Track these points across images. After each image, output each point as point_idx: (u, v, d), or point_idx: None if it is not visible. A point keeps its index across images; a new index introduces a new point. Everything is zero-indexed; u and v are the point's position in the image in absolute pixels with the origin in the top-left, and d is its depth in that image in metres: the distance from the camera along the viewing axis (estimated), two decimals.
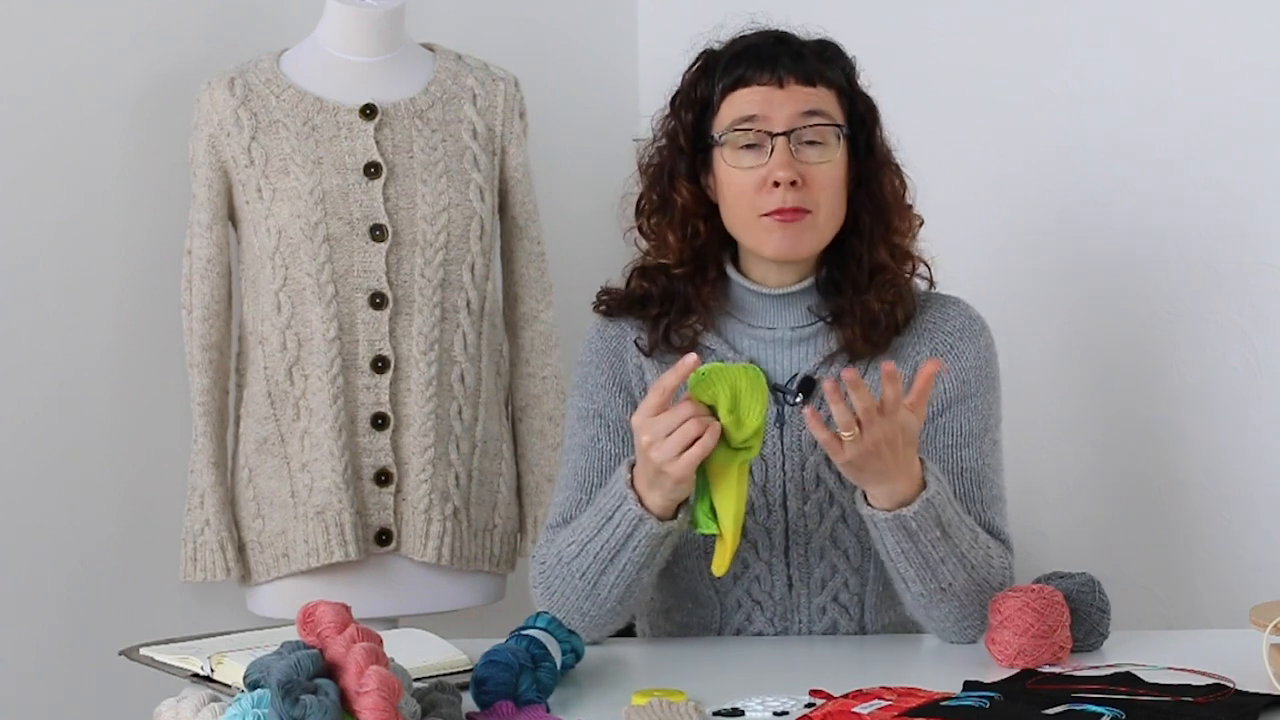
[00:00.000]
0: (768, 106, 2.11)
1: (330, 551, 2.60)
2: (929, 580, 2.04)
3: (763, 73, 2.12)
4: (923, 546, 2.01)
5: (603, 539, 2.04)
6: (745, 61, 2.13)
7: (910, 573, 2.04)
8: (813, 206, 2.11)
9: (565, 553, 2.08)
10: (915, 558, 2.02)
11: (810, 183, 2.11)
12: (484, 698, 1.81)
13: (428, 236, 2.64)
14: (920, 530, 2.00)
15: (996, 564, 2.07)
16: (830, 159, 2.12)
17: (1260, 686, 1.78)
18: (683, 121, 2.18)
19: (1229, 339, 2.66)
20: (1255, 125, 2.61)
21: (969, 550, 2.03)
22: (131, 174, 2.77)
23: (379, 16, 2.69)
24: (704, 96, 2.16)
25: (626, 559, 2.04)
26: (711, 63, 2.17)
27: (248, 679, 1.65)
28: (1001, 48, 2.87)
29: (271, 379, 2.65)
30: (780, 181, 2.09)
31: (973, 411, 2.17)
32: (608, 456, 2.17)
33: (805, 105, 2.11)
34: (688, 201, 2.18)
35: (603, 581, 2.06)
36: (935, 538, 2.01)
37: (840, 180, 2.14)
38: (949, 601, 2.05)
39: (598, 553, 2.05)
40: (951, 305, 2.22)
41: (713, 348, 2.19)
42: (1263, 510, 2.64)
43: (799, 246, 2.13)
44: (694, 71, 2.19)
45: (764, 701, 1.81)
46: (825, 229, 2.14)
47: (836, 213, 2.15)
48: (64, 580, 2.72)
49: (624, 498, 2.01)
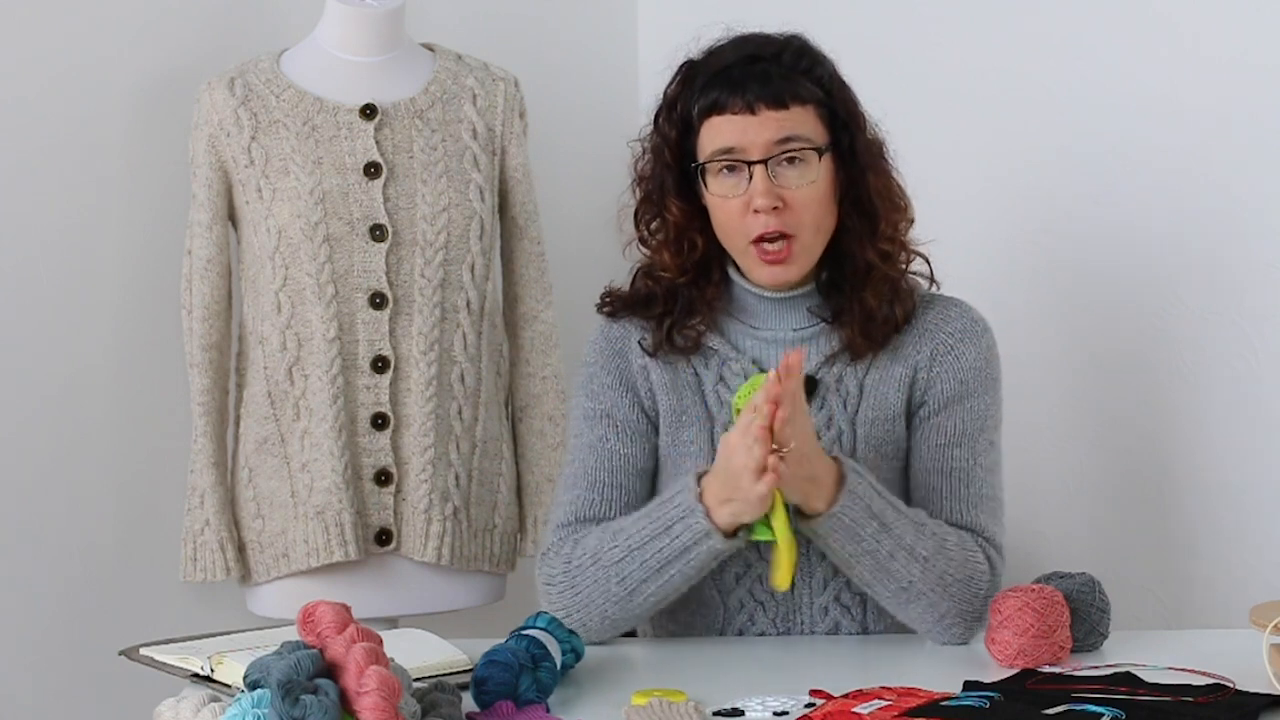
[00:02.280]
0: (743, 136, 2.11)
1: (330, 551, 2.60)
2: (887, 581, 2.05)
3: (735, 99, 2.11)
4: (866, 544, 2.03)
5: (656, 548, 2.05)
6: (718, 86, 2.13)
7: (866, 576, 2.06)
8: (795, 229, 2.12)
9: (605, 555, 2.08)
10: (864, 559, 2.04)
11: (792, 205, 2.11)
12: (484, 698, 1.81)
13: (428, 236, 2.64)
14: (855, 524, 2.02)
15: (957, 556, 2.07)
16: (811, 179, 2.13)
17: (1260, 686, 1.78)
18: (667, 137, 2.18)
19: (1229, 339, 2.66)
20: (1256, 125, 2.61)
21: (915, 541, 2.04)
22: (131, 174, 2.77)
23: (379, 16, 2.69)
24: (684, 114, 2.16)
25: (677, 570, 2.05)
26: (690, 77, 2.17)
27: (248, 679, 1.65)
28: (1001, 47, 2.86)
29: (271, 379, 2.65)
30: (760, 209, 2.10)
31: (969, 412, 2.18)
32: (617, 456, 2.18)
33: (780, 132, 2.11)
34: (679, 219, 2.18)
35: (643, 589, 2.07)
36: (874, 530, 2.03)
37: (824, 196, 2.14)
38: (916, 600, 2.06)
39: (646, 560, 2.06)
40: (954, 306, 2.23)
41: (715, 348, 2.20)
42: (1263, 510, 2.64)
43: (788, 276, 2.15)
44: (675, 85, 2.19)
45: (764, 701, 1.81)
46: (813, 248, 2.15)
47: (823, 227, 2.15)
48: (64, 580, 2.72)
49: (691, 510, 2.02)
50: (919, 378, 2.18)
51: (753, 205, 2.11)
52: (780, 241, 2.12)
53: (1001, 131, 2.87)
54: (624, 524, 2.10)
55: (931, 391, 2.18)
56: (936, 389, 2.17)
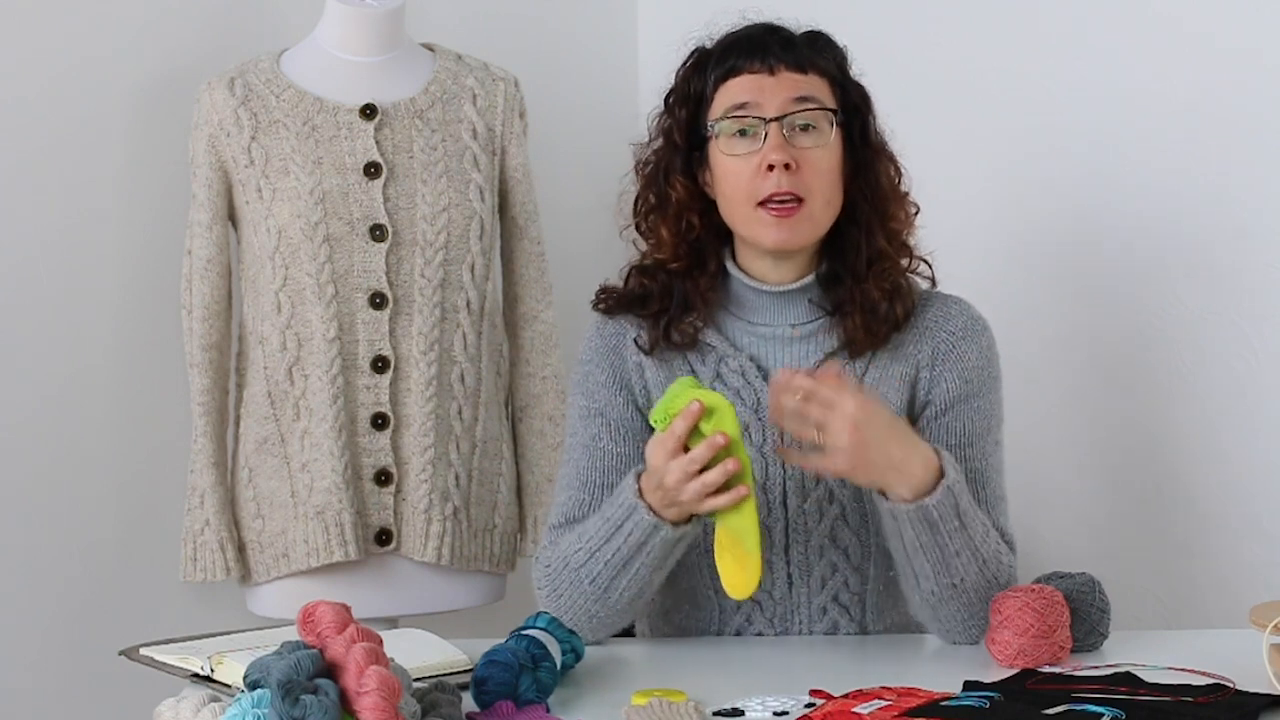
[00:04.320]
0: (760, 93, 2.12)
1: (330, 551, 2.60)
2: (942, 575, 2.04)
3: (754, 61, 2.13)
4: (940, 538, 2.02)
5: (614, 546, 2.05)
6: (737, 51, 2.15)
7: (926, 568, 2.04)
8: (806, 193, 2.12)
9: (573, 559, 2.09)
10: (933, 551, 2.03)
11: (804, 167, 2.11)
12: (484, 698, 1.81)
13: (428, 236, 2.64)
14: (941, 520, 2.01)
15: (1005, 560, 2.07)
16: (824, 144, 2.13)
17: (1260, 686, 1.78)
18: (677, 118, 2.19)
19: (1229, 339, 2.66)
20: (1256, 125, 2.61)
21: (982, 543, 2.04)
22: (131, 174, 2.77)
23: (379, 17, 2.69)
24: (698, 91, 2.17)
25: (640, 563, 2.05)
26: (704, 58, 2.19)
27: (248, 679, 1.65)
28: (1002, 46, 2.86)
29: (271, 379, 2.65)
30: (774, 165, 2.10)
31: (975, 412, 2.17)
32: (610, 455, 2.18)
33: (797, 91, 2.12)
34: (682, 196, 2.18)
35: (614, 586, 2.07)
36: (954, 527, 2.01)
37: (835, 166, 2.14)
38: (957, 599, 2.05)
39: (609, 559, 2.06)
40: (953, 305, 2.22)
41: (713, 344, 2.20)
42: (1263, 510, 2.64)
43: (796, 236, 2.13)
44: (687, 68, 2.20)
45: (764, 701, 1.81)
46: (821, 217, 2.15)
47: (832, 200, 2.15)
48: (64, 580, 2.72)
49: (634, 507, 2.02)
50: (920, 377, 2.18)
51: (766, 161, 2.10)
52: (791, 201, 2.11)
53: (1001, 131, 2.87)
54: (586, 526, 2.10)
55: (935, 391, 2.17)
56: (940, 389, 2.17)
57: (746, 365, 2.18)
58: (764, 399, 2.14)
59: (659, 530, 2.02)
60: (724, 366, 2.19)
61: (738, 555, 1.97)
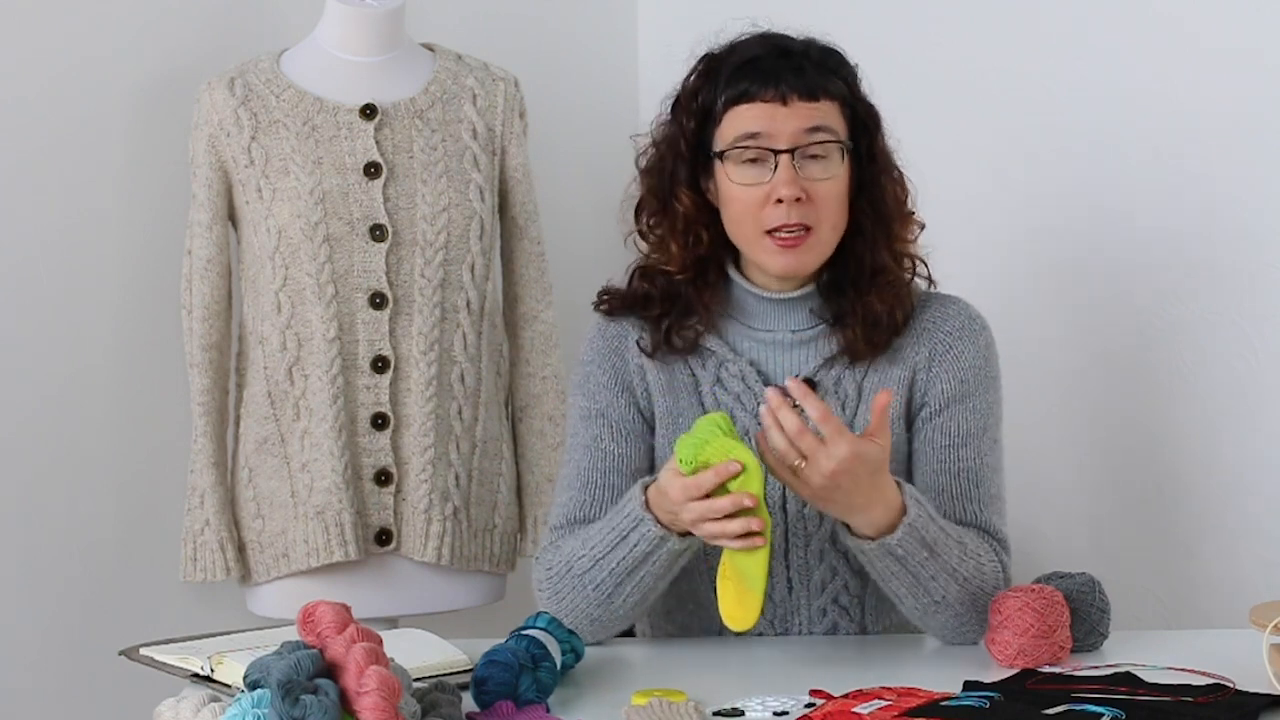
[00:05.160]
0: (771, 123, 2.11)
1: (330, 551, 2.60)
2: (921, 596, 2.05)
3: (766, 89, 2.11)
4: (911, 567, 2.02)
5: (619, 555, 2.04)
6: (748, 76, 2.12)
7: (901, 591, 2.05)
8: (815, 223, 2.11)
9: (576, 565, 2.08)
10: (904, 577, 2.03)
11: (813, 199, 2.11)
12: (484, 698, 1.81)
13: (428, 236, 2.64)
14: (907, 555, 2.01)
15: (989, 569, 2.07)
16: (833, 174, 2.12)
17: (1260, 686, 1.78)
18: (684, 128, 2.17)
19: (1229, 339, 2.66)
20: (1256, 125, 2.61)
21: (959, 564, 2.04)
22: (131, 174, 2.77)
23: (379, 16, 2.69)
24: (706, 105, 2.15)
25: (645, 572, 2.05)
26: (713, 69, 2.16)
27: (248, 679, 1.65)
28: (1002, 46, 2.86)
29: (271, 379, 2.65)
30: (784, 199, 2.09)
31: (971, 411, 2.17)
32: (611, 456, 2.18)
33: (809, 122, 2.11)
34: (689, 210, 2.17)
35: (618, 594, 2.07)
36: (923, 558, 2.02)
37: (843, 193, 2.14)
38: (944, 612, 2.06)
39: (613, 568, 2.05)
40: (951, 304, 2.22)
41: (713, 349, 2.19)
42: (1262, 510, 2.64)
43: (803, 265, 2.14)
44: (696, 77, 2.18)
45: (764, 701, 1.81)
46: (827, 243, 2.15)
47: (839, 225, 2.15)
48: (64, 580, 2.72)
49: (640, 519, 2.02)
50: (918, 379, 2.18)
51: (775, 195, 2.09)
52: (799, 231, 2.11)
53: (1001, 131, 2.87)
54: (591, 532, 2.09)
55: (932, 392, 2.17)
56: (937, 389, 2.17)
57: (746, 370, 2.18)
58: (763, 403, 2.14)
59: (666, 542, 2.02)
60: (724, 371, 2.19)
61: (740, 591, 1.95)
